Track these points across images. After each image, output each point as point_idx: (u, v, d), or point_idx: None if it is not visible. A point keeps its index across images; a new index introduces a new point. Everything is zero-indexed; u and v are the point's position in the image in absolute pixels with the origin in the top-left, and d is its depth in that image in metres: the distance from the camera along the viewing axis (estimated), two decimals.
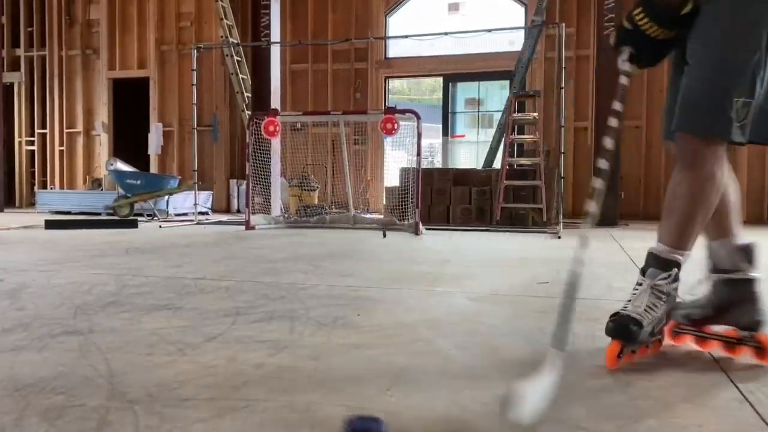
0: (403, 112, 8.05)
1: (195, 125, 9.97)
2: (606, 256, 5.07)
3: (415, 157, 7.95)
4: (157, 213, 10.24)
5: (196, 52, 9.81)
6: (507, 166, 8.82)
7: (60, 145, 13.89)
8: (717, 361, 1.97)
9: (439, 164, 12.93)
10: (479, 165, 10.69)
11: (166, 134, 13.11)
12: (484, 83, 12.45)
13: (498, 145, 9.94)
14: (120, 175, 10.52)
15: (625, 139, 10.68)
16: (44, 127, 14.05)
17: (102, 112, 13.59)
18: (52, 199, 11.77)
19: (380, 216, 9.78)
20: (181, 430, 1.40)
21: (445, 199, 9.27)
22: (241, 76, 11.33)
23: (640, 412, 1.52)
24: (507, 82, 11.15)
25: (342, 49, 12.33)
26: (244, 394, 1.64)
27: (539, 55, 11.08)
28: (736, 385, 1.73)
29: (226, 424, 1.44)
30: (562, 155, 8.37)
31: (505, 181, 8.69)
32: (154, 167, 13.05)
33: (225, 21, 11.41)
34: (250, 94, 11.09)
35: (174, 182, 10.61)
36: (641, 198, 10.99)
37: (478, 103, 12.84)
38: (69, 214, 10.92)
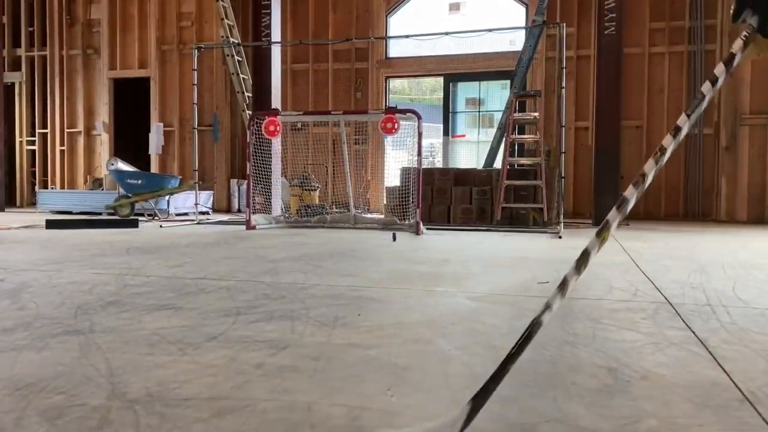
0: (403, 111, 8.05)
1: (196, 125, 9.98)
2: (606, 256, 5.06)
3: (415, 156, 7.96)
4: (158, 213, 10.24)
5: (196, 52, 9.81)
6: (507, 166, 8.81)
7: (61, 144, 13.90)
8: (717, 361, 1.97)
9: (440, 164, 12.95)
10: (480, 165, 10.69)
11: (167, 134, 13.11)
12: (484, 83, 12.46)
13: (499, 144, 9.94)
14: (121, 175, 10.52)
15: (626, 139, 10.70)
16: (45, 127, 14.06)
17: (103, 112, 13.59)
18: (53, 199, 11.77)
19: (381, 216, 9.78)
20: (181, 429, 1.40)
21: (446, 199, 9.27)
22: (241, 75, 11.33)
23: (641, 411, 1.52)
24: (508, 82, 11.14)
25: (343, 49, 12.34)
26: (245, 394, 1.64)
27: (540, 55, 11.08)
28: (737, 385, 1.73)
29: (227, 424, 1.43)
30: (562, 155, 8.38)
31: (506, 181, 8.68)
32: (154, 167, 13.05)
33: (226, 21, 11.41)
34: (250, 94, 11.09)
35: (175, 182, 10.61)
36: (642, 198, 10.96)
37: (479, 102, 12.85)
38: (70, 213, 10.92)
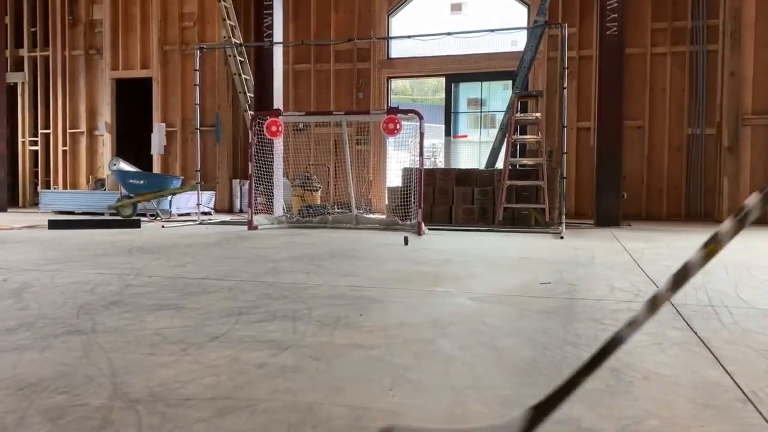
0: (405, 112, 8.05)
1: (198, 125, 9.97)
2: (608, 256, 5.07)
3: (417, 157, 7.95)
4: (160, 213, 10.24)
5: (199, 53, 9.81)
6: (509, 167, 8.81)
7: (63, 145, 13.92)
8: (719, 361, 1.97)
9: (442, 164, 12.95)
10: (482, 165, 10.68)
11: (169, 134, 13.12)
12: (486, 83, 12.44)
13: (500, 145, 9.94)
14: (123, 175, 10.53)
15: (628, 140, 10.69)
16: (47, 127, 14.09)
17: (105, 112, 13.61)
18: (55, 199, 11.79)
19: (382, 216, 9.78)
20: (183, 429, 1.40)
21: (448, 199, 9.27)
22: (243, 76, 11.34)
23: (643, 412, 1.51)
24: (509, 83, 11.13)
25: (344, 49, 12.34)
26: (247, 394, 1.64)
27: (541, 56, 11.08)
28: (739, 385, 1.73)
29: (228, 424, 1.44)
30: (564, 155, 8.37)
31: (508, 182, 8.68)
32: (156, 167, 13.07)
33: (228, 21, 11.42)
34: (252, 94, 11.10)
35: (177, 182, 10.62)
36: (643, 198, 10.98)
37: (481, 103, 12.83)
38: (72, 214, 10.93)
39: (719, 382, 1.77)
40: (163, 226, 8.33)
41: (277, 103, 10.15)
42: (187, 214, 10.72)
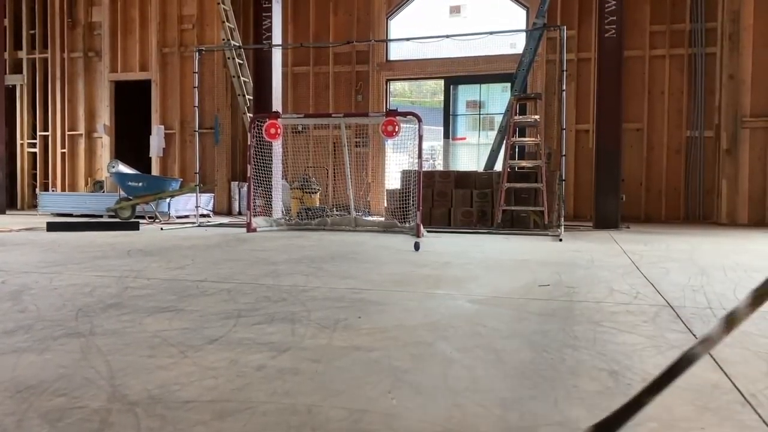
0: (404, 114, 8.05)
1: (197, 128, 9.99)
2: (607, 259, 5.07)
3: (416, 159, 7.96)
4: (159, 215, 10.25)
5: (197, 55, 9.82)
6: (508, 169, 8.81)
7: (62, 147, 13.92)
8: (718, 364, 1.97)
9: (441, 167, 12.92)
10: (480, 167, 10.68)
11: (168, 136, 13.13)
12: (485, 86, 12.46)
13: (499, 147, 9.94)
14: (122, 177, 10.53)
15: (626, 142, 10.71)
16: (46, 130, 14.08)
17: (104, 115, 13.61)
18: (54, 201, 11.78)
19: (381, 218, 9.79)
20: None
21: (447, 202, 9.28)
22: (242, 78, 11.34)
23: (641, 414, 1.51)
24: (508, 85, 11.16)
25: (343, 52, 12.36)
26: (246, 396, 1.64)
27: (540, 58, 11.10)
28: (738, 388, 1.74)
29: (228, 427, 1.44)
30: (563, 158, 8.38)
31: (506, 184, 8.69)
32: (155, 169, 13.07)
33: (227, 24, 11.44)
34: (251, 97, 11.10)
35: (176, 184, 10.62)
36: (642, 200, 10.99)
37: (479, 105, 12.85)
38: (71, 216, 10.93)
39: (718, 385, 1.77)
40: (161, 228, 8.33)
41: (276, 105, 10.15)
42: (186, 216, 10.72)
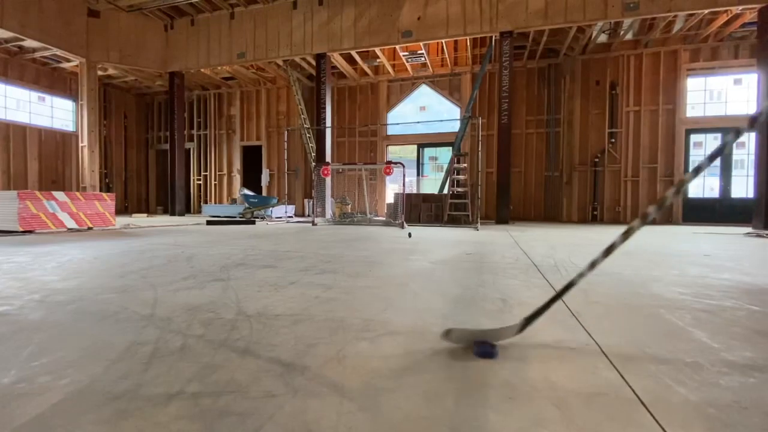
0: (395, 163, 8.03)
1: (286, 170, 9.97)
2: (501, 240, 5.05)
3: (401, 187, 7.94)
4: (266, 217, 10.24)
5: (286, 132, 9.81)
6: (451, 192, 8.78)
7: (214, 180, 13.90)
8: (563, 301, 1.96)
9: (415, 191, 12.86)
10: (436, 191, 10.64)
11: (271, 175, 13.13)
12: (439, 148, 12.39)
13: (445, 180, 9.90)
14: (246, 196, 10.51)
15: (513, 178, 10.64)
16: (206, 171, 14.07)
17: (237, 163, 13.61)
18: (210, 209, 11.73)
19: (383, 218, 9.77)
20: (274, 330, 1.41)
21: (418, 209, 9.23)
22: (310, 144, 11.34)
23: (516, 318, 1.48)
24: (450, 147, 11.12)
25: (363, 130, 12.34)
26: (308, 312, 1.65)
27: (467, 133, 11.09)
28: (567, 306, 1.71)
29: (299, 328, 1.44)
30: (479, 186, 8.35)
31: (450, 200, 8.66)
32: (264, 192, 13.05)
33: (302, 115, 11.42)
34: (314, 154, 11.11)
35: (275, 200, 10.61)
36: (521, 208, 10.94)
37: (436, 158, 12.78)
38: (219, 217, 10.92)
39: (561, 308, 1.76)
40: (267, 224, 8.32)
41: (327, 158, 10.14)
42: (280, 218, 10.71)
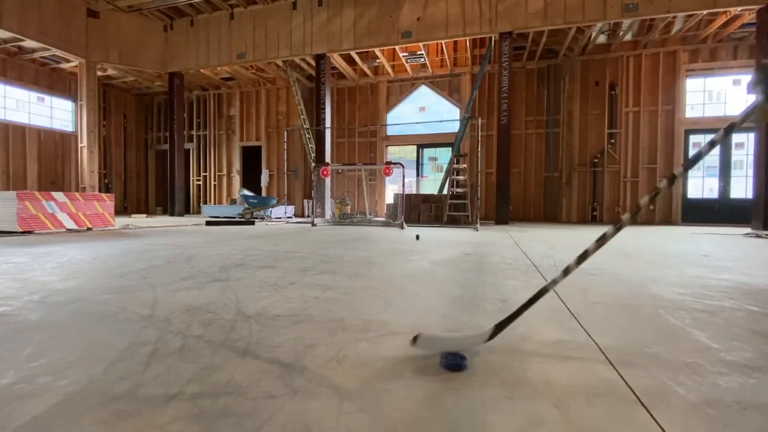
0: (395, 164, 8.03)
1: (285, 170, 9.98)
2: (501, 240, 5.05)
3: (401, 187, 7.95)
4: (265, 217, 10.24)
5: (286, 132, 9.81)
6: (450, 192, 8.79)
7: (214, 180, 13.91)
8: (558, 295, 1.95)
9: (414, 191, 12.87)
10: (436, 191, 10.65)
11: (270, 175, 13.13)
12: (439, 148, 12.40)
13: (445, 181, 9.91)
14: (245, 197, 10.51)
15: (513, 178, 10.65)
16: (206, 172, 14.08)
17: (236, 163, 13.61)
18: (210, 210, 11.74)
19: (383, 218, 9.77)
20: (273, 331, 1.40)
21: (418, 210, 9.24)
22: (310, 145, 11.34)
23: (520, 324, 1.49)
24: (450, 148, 11.14)
25: (363, 130, 12.35)
26: (308, 312, 1.65)
27: (467, 134, 11.10)
28: (567, 306, 1.71)
29: (299, 328, 1.44)
30: (479, 187, 8.36)
31: (450, 200, 8.67)
32: (263, 193, 13.05)
33: (302, 115, 11.43)
34: (314, 154, 11.11)
35: (274, 201, 10.60)
36: (521, 209, 10.96)
37: (435, 159, 12.79)
38: (218, 217, 10.91)
39: (559, 307, 1.76)
40: (266, 224, 8.32)
41: (327, 158, 10.14)
42: (279, 218, 10.71)
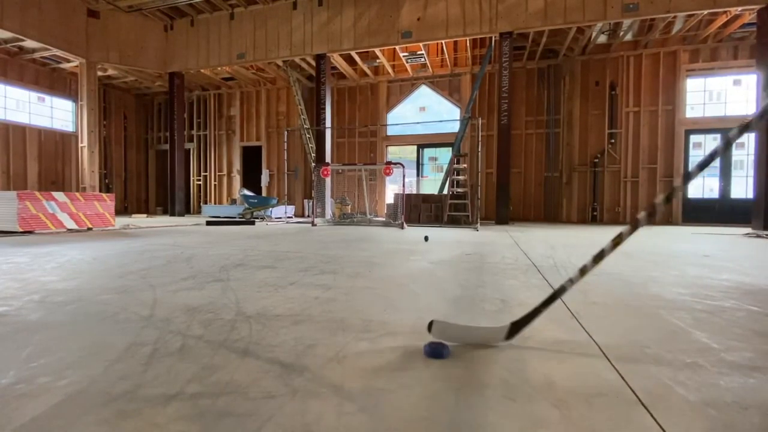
0: (395, 164, 8.04)
1: (286, 170, 9.97)
2: (501, 240, 5.05)
3: (401, 187, 7.94)
4: (265, 217, 10.24)
5: (286, 132, 9.81)
6: (450, 192, 8.79)
7: (214, 180, 13.91)
8: (562, 300, 1.95)
9: (414, 191, 12.88)
10: (436, 191, 10.65)
11: (270, 175, 13.13)
12: (439, 148, 12.40)
13: (445, 181, 9.91)
14: (246, 197, 10.51)
15: (513, 178, 10.65)
16: (206, 171, 14.08)
17: (236, 163, 13.61)
18: (210, 210, 11.74)
19: (383, 218, 9.77)
20: (274, 331, 1.40)
21: (418, 210, 9.24)
22: (310, 144, 11.34)
23: (515, 317, 1.49)
24: (450, 148, 11.13)
25: (363, 130, 12.35)
26: (308, 312, 1.64)
27: (467, 134, 11.09)
28: (567, 305, 1.71)
29: (299, 328, 1.44)
30: (479, 187, 8.36)
31: (450, 200, 8.66)
32: (264, 192, 13.05)
33: (302, 115, 11.43)
34: (314, 154, 11.11)
35: (274, 200, 10.60)
36: (521, 209, 10.95)
37: (436, 159, 12.79)
38: (219, 217, 10.91)
39: (559, 305, 1.76)
40: (266, 224, 8.32)
41: (328, 158, 10.14)
42: (279, 218, 10.71)
